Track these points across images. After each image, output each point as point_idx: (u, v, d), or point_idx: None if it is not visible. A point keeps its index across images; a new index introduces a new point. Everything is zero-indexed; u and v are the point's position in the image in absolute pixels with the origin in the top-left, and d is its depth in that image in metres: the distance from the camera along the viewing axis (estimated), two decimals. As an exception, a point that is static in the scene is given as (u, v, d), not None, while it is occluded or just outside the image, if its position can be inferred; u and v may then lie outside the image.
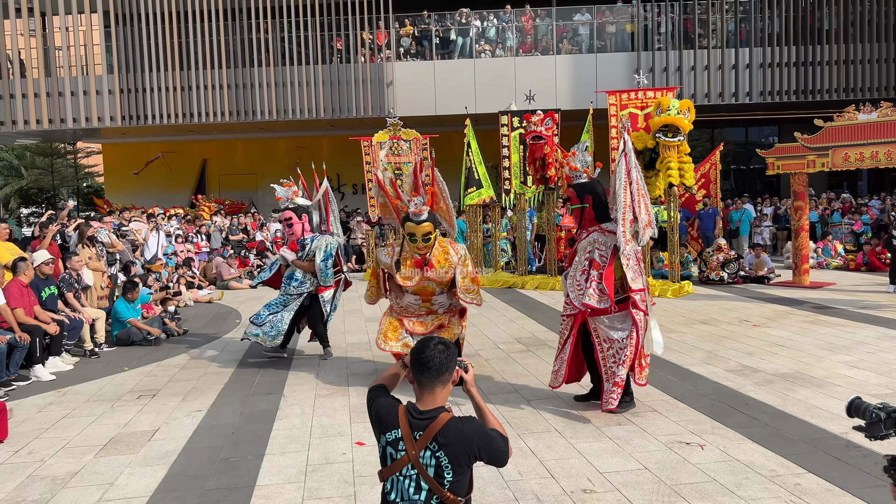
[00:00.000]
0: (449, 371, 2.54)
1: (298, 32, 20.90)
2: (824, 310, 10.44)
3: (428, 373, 2.51)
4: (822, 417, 5.52)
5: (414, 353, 2.57)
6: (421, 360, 2.52)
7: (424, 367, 2.51)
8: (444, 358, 2.52)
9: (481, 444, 2.48)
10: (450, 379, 2.55)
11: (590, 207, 5.92)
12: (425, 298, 6.86)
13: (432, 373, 2.51)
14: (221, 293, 14.23)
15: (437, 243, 6.77)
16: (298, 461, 4.97)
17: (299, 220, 8.19)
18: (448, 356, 2.53)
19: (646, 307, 5.70)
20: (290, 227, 8.16)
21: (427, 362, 2.51)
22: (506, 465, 2.63)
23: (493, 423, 2.59)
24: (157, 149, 25.25)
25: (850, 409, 2.34)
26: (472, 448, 2.46)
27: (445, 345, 2.57)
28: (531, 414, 5.84)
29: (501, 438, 2.53)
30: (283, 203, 8.36)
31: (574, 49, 21.23)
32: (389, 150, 16.20)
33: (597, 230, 5.90)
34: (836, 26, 20.60)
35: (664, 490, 4.27)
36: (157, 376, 7.69)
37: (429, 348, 2.53)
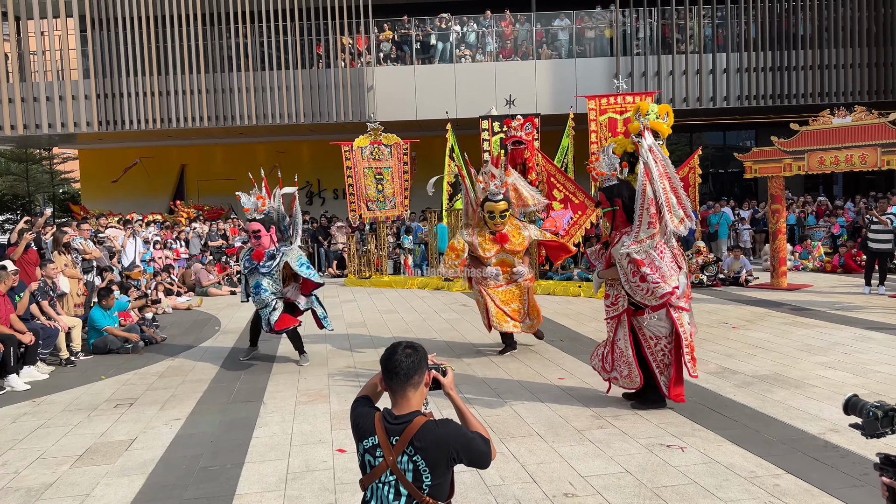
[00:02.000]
0: (419, 374, 2.54)
1: (278, 37, 20.80)
2: (802, 311, 10.56)
3: (397, 378, 2.52)
4: (800, 418, 5.58)
5: (383, 360, 2.58)
6: (389, 367, 2.53)
7: (393, 373, 2.52)
8: (412, 362, 2.52)
9: (459, 446, 2.47)
10: (421, 382, 2.55)
11: (620, 210, 6.02)
12: (505, 270, 8.28)
13: (401, 377, 2.51)
14: (200, 300, 14.11)
15: (510, 221, 8.25)
16: (278, 469, 4.92)
17: (267, 233, 8.09)
18: (416, 360, 2.54)
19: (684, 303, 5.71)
20: (257, 238, 8.00)
21: (395, 367, 2.52)
22: (488, 467, 2.62)
23: (475, 426, 2.59)
24: (135, 154, 25.00)
25: (846, 407, 2.36)
26: (450, 451, 2.45)
27: (414, 348, 2.58)
28: (513, 418, 5.84)
29: (482, 440, 2.52)
30: (251, 214, 8.18)
31: (554, 54, 21.35)
32: (370, 154, 16.18)
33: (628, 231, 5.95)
34: (810, 32, 20.91)
35: (645, 493, 4.28)
36: (135, 385, 7.59)
37: (396, 354, 2.54)
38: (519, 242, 8.22)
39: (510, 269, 8.27)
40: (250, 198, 8.29)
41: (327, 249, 18.95)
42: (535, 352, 8.44)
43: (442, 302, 13.04)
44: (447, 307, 12.37)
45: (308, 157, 25.40)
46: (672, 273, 5.71)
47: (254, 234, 8.03)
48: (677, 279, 5.72)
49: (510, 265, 8.27)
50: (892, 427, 2.26)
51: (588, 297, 12.92)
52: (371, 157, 16.15)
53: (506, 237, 8.16)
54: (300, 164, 25.44)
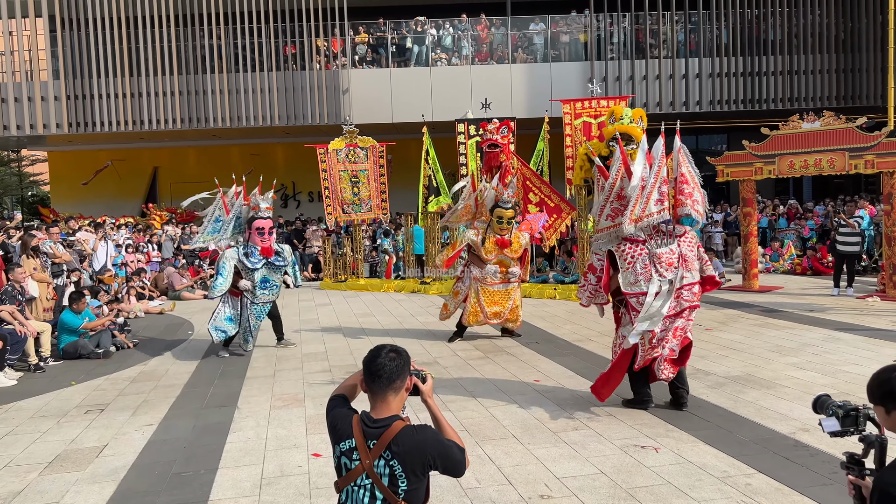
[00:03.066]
0: (401, 379, 2.52)
1: (252, 39, 20.66)
2: (773, 313, 10.72)
3: (379, 381, 2.49)
4: (771, 418, 5.66)
5: (365, 362, 2.56)
6: (372, 369, 2.51)
7: (375, 376, 2.50)
8: (395, 366, 2.51)
9: (436, 453, 2.46)
10: (402, 387, 2.54)
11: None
12: (501, 270, 9.08)
13: (383, 381, 2.49)
14: (173, 304, 13.93)
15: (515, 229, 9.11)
16: (253, 474, 4.88)
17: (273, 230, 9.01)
18: (399, 364, 2.52)
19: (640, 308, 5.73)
20: (270, 235, 8.87)
21: (378, 370, 2.50)
22: (462, 476, 2.61)
23: (451, 435, 2.58)
24: (106, 156, 24.65)
25: (815, 406, 2.42)
26: (427, 457, 2.44)
27: (397, 352, 2.56)
28: (488, 420, 5.85)
29: (458, 449, 2.52)
30: (263, 212, 8.85)
31: (529, 58, 21.47)
32: (346, 157, 16.12)
33: None
34: (781, 38, 21.28)
35: (620, 494, 4.31)
36: (106, 390, 7.47)
37: (380, 357, 2.52)
38: (516, 249, 9.09)
39: (506, 270, 9.12)
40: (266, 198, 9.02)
41: (302, 252, 18.83)
42: (510, 354, 8.47)
43: (418, 305, 13.03)
44: (423, 310, 12.36)
45: (283, 159, 25.24)
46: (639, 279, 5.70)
47: (269, 230, 8.82)
48: (646, 285, 5.67)
49: (507, 266, 9.11)
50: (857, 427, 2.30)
51: (563, 300, 13.00)
52: (347, 160, 16.10)
53: (507, 242, 9.00)
54: (275, 166, 25.27)
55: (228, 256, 8.72)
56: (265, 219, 8.81)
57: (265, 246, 8.75)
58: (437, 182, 16.13)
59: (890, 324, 9.57)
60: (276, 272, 8.93)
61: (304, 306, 13.37)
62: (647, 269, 5.72)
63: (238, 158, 24.97)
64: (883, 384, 2.20)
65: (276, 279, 8.95)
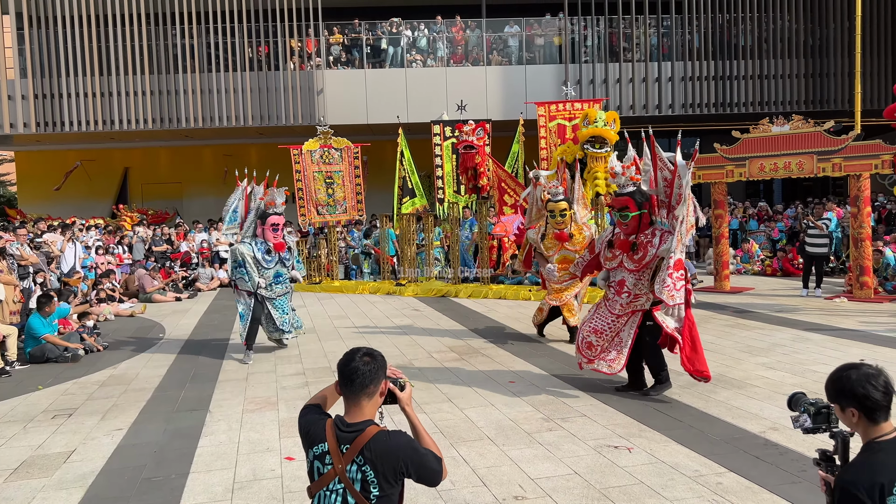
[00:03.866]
0: (374, 383, 2.50)
1: (225, 39, 20.46)
2: (743, 314, 10.87)
3: (352, 385, 2.47)
4: (742, 418, 5.73)
5: (340, 365, 2.54)
6: (345, 372, 2.49)
7: (348, 380, 2.48)
8: (369, 370, 2.49)
9: (409, 460, 2.42)
10: (376, 391, 2.51)
11: (647, 213, 6.45)
12: (564, 267, 8.75)
13: (356, 385, 2.47)
14: (144, 306, 13.73)
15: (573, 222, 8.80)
16: (225, 479, 4.82)
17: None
18: (373, 368, 2.50)
19: None
20: (282, 230, 8.96)
21: (351, 374, 2.47)
22: (437, 486, 2.58)
23: (428, 444, 2.55)
24: (76, 157, 24.24)
25: (790, 403, 2.48)
26: (400, 464, 2.41)
27: (372, 356, 2.54)
28: (464, 422, 5.85)
29: (434, 458, 2.49)
30: (277, 208, 8.93)
31: (504, 60, 21.55)
32: (320, 158, 16.04)
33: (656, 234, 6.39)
34: (751, 43, 21.62)
35: (593, 494, 4.34)
36: (75, 394, 7.33)
37: (354, 360, 2.50)
38: (579, 241, 8.77)
39: (570, 264, 8.68)
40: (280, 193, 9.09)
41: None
42: (485, 356, 8.48)
43: (393, 307, 12.99)
44: (399, 312, 12.33)
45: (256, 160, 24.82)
46: None
47: (282, 228, 8.90)
48: None
49: (571, 261, 8.70)
50: (829, 424, 2.34)
51: (539, 301, 13.03)
52: (321, 161, 16.01)
53: (566, 236, 8.76)
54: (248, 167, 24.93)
55: (245, 252, 8.72)
56: (280, 214, 8.90)
57: (278, 242, 8.81)
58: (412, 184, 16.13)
59: (857, 324, 9.76)
60: (285, 266, 9.07)
61: (277, 308, 13.24)
62: None
63: (211, 159, 24.71)
64: (835, 382, 2.26)
65: (285, 272, 9.07)
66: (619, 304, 6.59)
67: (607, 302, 6.72)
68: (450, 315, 11.79)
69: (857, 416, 2.21)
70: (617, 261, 6.63)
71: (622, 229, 6.54)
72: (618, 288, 6.62)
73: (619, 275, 6.62)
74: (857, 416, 2.21)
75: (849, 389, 2.21)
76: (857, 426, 2.24)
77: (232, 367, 8.34)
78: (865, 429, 2.22)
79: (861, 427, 2.23)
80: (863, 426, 2.22)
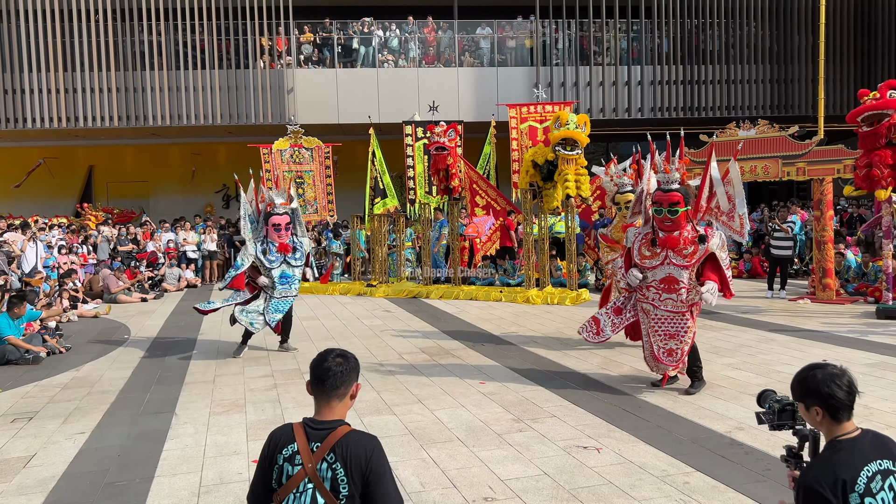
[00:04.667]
0: (346, 385, 2.49)
1: (194, 36, 20.18)
2: (710, 315, 11.02)
3: (323, 385, 2.47)
4: (708, 418, 5.81)
5: (312, 365, 2.53)
6: (318, 372, 2.49)
7: (319, 380, 2.47)
8: (341, 371, 2.48)
9: (374, 468, 2.38)
10: (347, 393, 2.51)
11: (692, 210, 6.59)
12: None
13: (327, 385, 2.46)
14: (109, 307, 13.47)
15: None
16: (191, 483, 4.74)
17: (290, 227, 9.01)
18: (345, 370, 2.49)
19: None
20: (287, 230, 8.86)
21: (323, 374, 2.47)
22: None
23: None
24: (38, 154, 23.68)
25: (759, 400, 2.55)
26: (366, 465, 2.37)
27: (345, 357, 2.53)
28: (434, 423, 5.83)
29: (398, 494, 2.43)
30: (279, 208, 8.86)
31: (476, 62, 21.59)
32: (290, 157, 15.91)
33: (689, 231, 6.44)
34: (719, 48, 21.96)
35: (562, 494, 4.35)
36: (36, 397, 7.16)
37: (326, 360, 2.49)
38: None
39: None
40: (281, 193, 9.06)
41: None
42: (456, 356, 8.48)
43: (364, 308, 12.93)
44: (369, 313, 12.28)
45: (225, 159, 24.72)
46: None
47: (286, 227, 8.81)
48: None
49: None
50: (795, 421, 2.39)
51: (509, 302, 13.09)
52: (291, 161, 15.89)
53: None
54: (216, 166, 24.73)
55: (248, 253, 8.76)
56: (281, 215, 8.81)
57: (282, 242, 8.76)
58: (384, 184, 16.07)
59: (819, 325, 9.96)
60: (294, 268, 8.94)
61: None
62: None
63: (178, 158, 24.35)
64: (801, 382, 2.32)
65: (295, 274, 8.95)
66: (673, 302, 6.52)
67: (656, 303, 6.57)
68: (421, 316, 11.77)
69: (820, 415, 2.26)
70: (659, 258, 6.50)
71: (666, 226, 6.44)
72: (665, 286, 6.51)
73: (662, 272, 6.52)
74: (821, 415, 2.26)
75: (814, 388, 2.26)
76: (821, 425, 2.28)
77: (199, 369, 8.22)
78: (829, 427, 2.27)
79: (824, 426, 2.27)
80: (826, 425, 2.27)
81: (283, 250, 8.78)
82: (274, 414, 6.23)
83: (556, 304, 12.64)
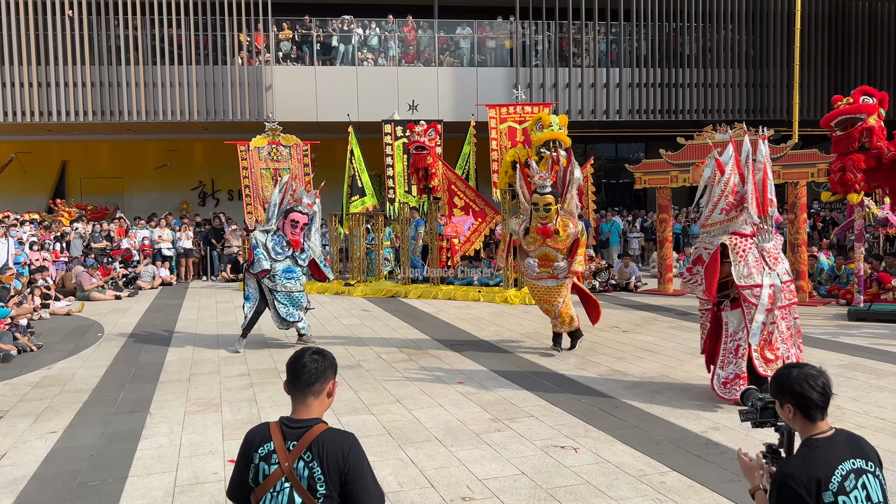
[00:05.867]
0: (322, 381, 2.48)
1: (171, 31, 19.94)
2: (686, 316, 11.13)
3: (299, 382, 2.46)
4: (684, 418, 5.86)
5: (289, 363, 2.52)
6: (293, 370, 2.48)
7: (296, 377, 2.47)
8: (316, 368, 2.47)
9: (353, 466, 2.36)
10: (323, 391, 2.49)
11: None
12: (544, 265, 8.29)
13: (303, 382, 2.45)
14: (82, 304, 13.26)
15: (560, 218, 8.15)
16: (165, 483, 4.68)
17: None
18: (321, 366, 2.49)
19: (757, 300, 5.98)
20: (303, 230, 9.01)
21: (299, 371, 2.46)
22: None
23: None
24: (10, 149, 23.24)
25: (742, 397, 2.59)
26: (344, 464, 2.35)
27: (322, 355, 2.52)
28: (412, 423, 5.82)
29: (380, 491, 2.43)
30: (302, 207, 9.01)
31: (455, 62, 21.59)
32: (268, 155, 15.78)
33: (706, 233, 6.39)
34: (696, 52, 22.19)
35: (540, 494, 4.36)
36: (6, 396, 7.03)
37: (303, 358, 2.49)
38: (563, 238, 8.16)
39: (550, 264, 8.26)
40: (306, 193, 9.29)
41: (220, 252, 18.28)
42: (434, 356, 8.47)
43: (342, 307, 12.87)
44: (347, 312, 12.22)
45: (201, 156, 24.48)
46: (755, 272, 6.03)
47: (302, 227, 8.97)
48: (759, 277, 6.03)
49: (552, 259, 8.24)
50: (777, 419, 2.43)
51: (487, 302, 13.11)
52: (269, 158, 15.75)
53: (550, 232, 8.12)
54: (192, 163, 24.48)
55: (258, 236, 8.94)
56: (302, 213, 8.99)
57: (294, 238, 8.94)
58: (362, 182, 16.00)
59: (793, 326, 10.09)
60: (299, 266, 9.11)
61: (222, 308, 12.99)
62: (758, 262, 6.11)
63: (153, 154, 24.05)
64: (777, 379, 2.37)
65: (298, 272, 9.10)
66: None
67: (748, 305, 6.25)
68: (399, 315, 11.73)
69: (793, 413, 2.30)
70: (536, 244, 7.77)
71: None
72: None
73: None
74: (794, 413, 2.30)
75: (787, 386, 2.31)
76: (794, 422, 2.33)
77: (174, 368, 8.12)
78: (802, 426, 2.31)
79: (798, 423, 2.32)
80: (799, 423, 2.31)
81: (295, 246, 8.99)
82: (250, 413, 6.18)
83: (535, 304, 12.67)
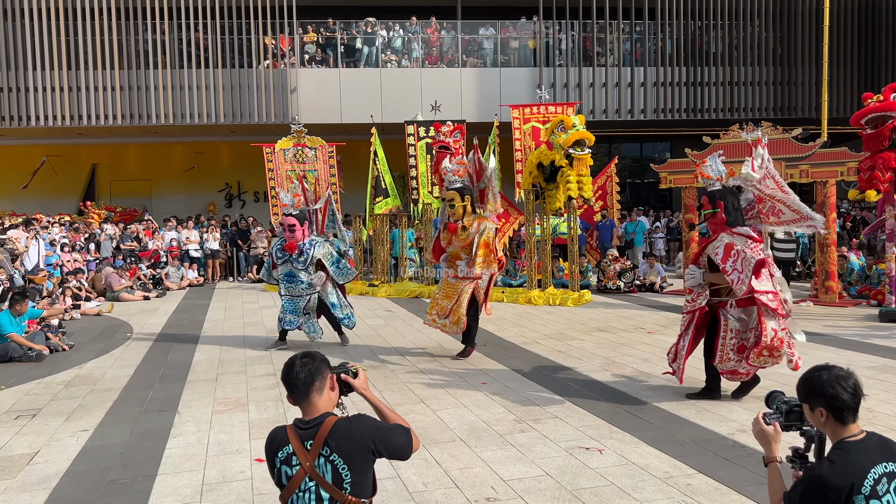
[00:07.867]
0: (319, 378, 2.54)
1: (198, 35, 20.20)
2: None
3: (297, 389, 2.53)
4: (711, 419, 5.80)
5: (283, 377, 2.58)
6: (289, 381, 2.55)
7: (293, 386, 2.53)
8: (309, 370, 2.53)
9: (377, 438, 2.47)
10: (323, 386, 2.55)
11: (721, 212, 6.38)
12: (451, 263, 8.24)
13: (301, 387, 2.52)
14: (111, 305, 13.49)
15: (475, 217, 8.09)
16: (193, 481, 4.75)
17: (301, 227, 9.00)
18: (313, 367, 2.54)
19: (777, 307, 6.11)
20: (291, 232, 8.93)
21: (294, 380, 2.53)
22: (409, 458, 2.61)
23: (394, 419, 2.63)
24: (42, 153, 23.71)
25: (767, 401, 2.57)
26: (367, 444, 2.45)
27: (310, 356, 2.59)
28: (436, 424, 5.84)
29: (401, 430, 2.54)
30: (288, 209, 9.11)
31: (479, 63, 21.58)
32: (294, 157, 15.91)
33: (726, 233, 6.26)
34: (722, 50, 21.93)
35: (565, 495, 4.35)
36: (39, 395, 7.17)
37: (294, 366, 2.55)
38: (463, 238, 8.06)
39: (455, 263, 8.24)
40: (287, 195, 9.47)
41: (246, 254, 18.48)
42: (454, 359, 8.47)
43: (366, 308, 12.93)
44: (371, 313, 12.28)
45: (228, 158, 24.75)
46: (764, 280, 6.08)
47: (288, 228, 8.93)
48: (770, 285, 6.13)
49: (457, 258, 8.23)
50: (801, 423, 2.39)
51: (511, 303, 13.09)
52: (294, 160, 15.89)
53: (455, 229, 8.12)
54: (219, 165, 24.76)
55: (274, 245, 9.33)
56: (287, 216, 9.05)
57: (289, 242, 9.00)
58: (386, 184, 16.06)
59: (822, 327, 9.94)
60: (300, 270, 9.01)
61: (248, 308, 13.13)
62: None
63: (181, 156, 24.37)
64: (806, 382, 2.33)
65: (301, 276, 9.01)
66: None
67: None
68: (423, 316, 11.73)
69: (825, 416, 2.26)
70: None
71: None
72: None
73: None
74: (826, 416, 2.26)
75: (819, 389, 2.27)
76: (826, 426, 2.29)
77: (201, 368, 8.23)
78: (834, 429, 2.27)
79: (829, 427, 2.28)
80: (831, 426, 2.27)
81: (289, 249, 8.97)
82: (276, 412, 6.24)
83: (559, 305, 12.64)
